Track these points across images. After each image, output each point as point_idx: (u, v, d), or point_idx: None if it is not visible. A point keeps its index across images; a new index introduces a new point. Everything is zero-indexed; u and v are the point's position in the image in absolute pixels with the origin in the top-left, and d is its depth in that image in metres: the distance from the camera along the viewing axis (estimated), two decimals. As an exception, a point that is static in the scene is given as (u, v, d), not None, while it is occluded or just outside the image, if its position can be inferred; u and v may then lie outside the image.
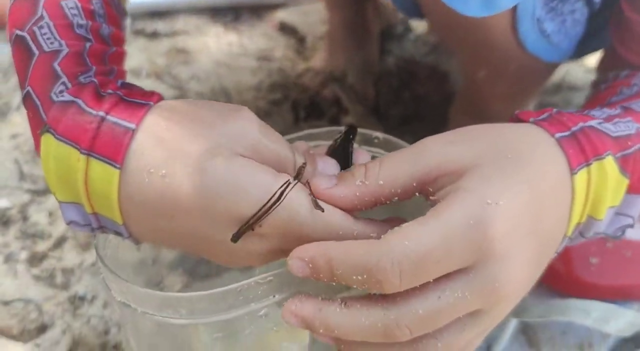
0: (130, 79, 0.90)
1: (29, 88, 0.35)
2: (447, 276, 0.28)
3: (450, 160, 0.30)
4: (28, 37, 0.36)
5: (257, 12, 1.06)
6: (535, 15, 0.49)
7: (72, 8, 0.38)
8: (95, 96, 0.32)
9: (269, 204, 0.29)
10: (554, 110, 0.36)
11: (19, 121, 0.81)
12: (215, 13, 1.05)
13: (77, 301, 0.60)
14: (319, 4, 0.98)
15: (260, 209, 0.29)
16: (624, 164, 0.35)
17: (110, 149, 0.30)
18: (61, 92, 0.33)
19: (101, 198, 0.31)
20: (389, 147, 0.41)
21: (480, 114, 0.66)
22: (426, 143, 0.32)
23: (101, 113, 0.31)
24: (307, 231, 0.30)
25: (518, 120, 0.36)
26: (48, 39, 0.36)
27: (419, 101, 0.85)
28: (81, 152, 0.30)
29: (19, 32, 0.36)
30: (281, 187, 0.29)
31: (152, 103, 0.32)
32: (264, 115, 0.83)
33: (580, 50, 0.58)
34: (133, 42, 0.95)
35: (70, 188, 0.32)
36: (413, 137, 0.34)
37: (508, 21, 0.50)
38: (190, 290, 0.54)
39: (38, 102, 0.34)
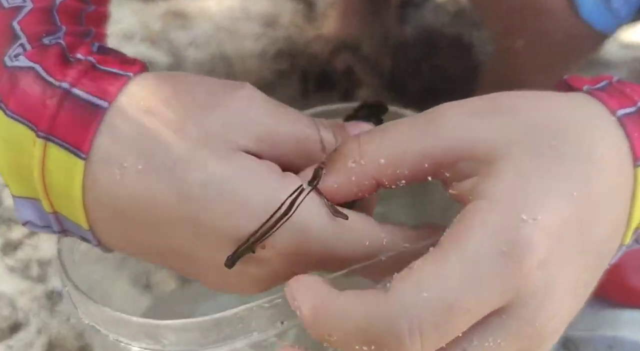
0: (121, 44, 0.87)
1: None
2: (475, 325, 0.22)
3: (476, 139, 0.23)
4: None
5: None
6: None
7: None
8: (61, 62, 0.26)
9: (275, 218, 0.22)
10: (614, 78, 0.28)
11: None
12: None
13: (54, 297, 0.56)
14: None
15: (262, 225, 0.22)
16: None
17: (74, 133, 0.24)
18: (17, 56, 0.26)
19: (62, 196, 0.25)
20: None
21: (510, 88, 0.63)
22: (444, 110, 0.25)
23: (65, 84, 0.24)
24: (326, 248, 0.24)
25: (567, 87, 0.28)
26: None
27: (440, 73, 0.84)
28: (38, 135, 0.24)
29: None
30: (291, 194, 0.23)
31: (131, 74, 0.25)
32: (269, 87, 0.80)
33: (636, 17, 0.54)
34: (125, 3, 0.91)
35: (24, 179, 0.26)
36: None
37: None
38: (184, 291, 0.49)
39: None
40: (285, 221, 0.22)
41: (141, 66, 0.26)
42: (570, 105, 0.26)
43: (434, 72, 0.84)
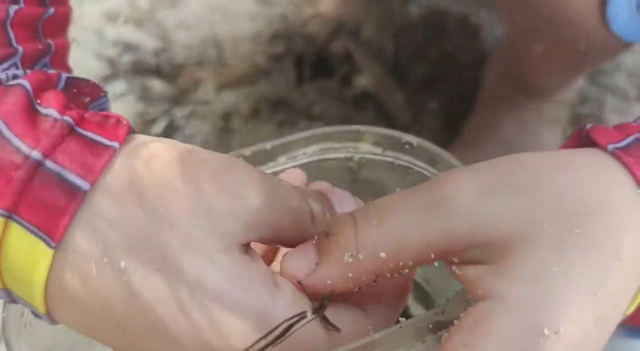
0: (106, 25, 0.82)
1: None
2: None
3: (489, 226, 0.21)
4: None
5: None
6: None
7: None
8: (28, 115, 0.21)
9: (267, 341, 0.21)
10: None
11: None
12: None
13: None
14: None
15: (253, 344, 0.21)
16: None
17: (44, 216, 0.21)
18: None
19: (19, 279, 0.22)
20: (427, 159, 0.31)
21: (521, 84, 0.63)
22: (451, 191, 0.22)
23: (36, 154, 0.20)
24: None
25: (587, 139, 0.24)
26: None
27: (447, 59, 0.80)
28: None
29: None
30: (291, 319, 0.21)
31: (117, 144, 0.22)
32: (262, 74, 0.77)
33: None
34: (111, -21, 0.87)
35: None
36: (439, 102, 0.27)
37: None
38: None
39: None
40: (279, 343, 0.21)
41: (127, 128, 0.22)
42: (595, 179, 0.22)
43: (441, 58, 0.80)
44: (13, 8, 0.25)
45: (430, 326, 0.23)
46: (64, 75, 0.26)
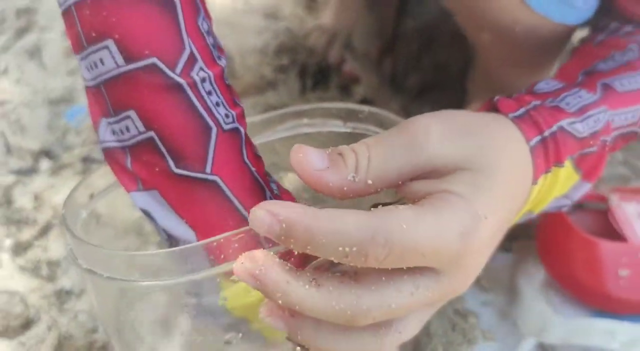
0: None
1: (216, 178, 0.34)
2: (416, 271, 0.29)
3: (446, 157, 0.31)
4: (189, 90, 0.34)
5: None
6: None
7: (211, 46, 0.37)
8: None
9: None
10: (532, 102, 0.38)
11: (6, 87, 0.79)
12: None
13: (63, 296, 0.58)
14: None
15: None
16: (580, 162, 0.40)
17: None
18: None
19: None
20: (379, 122, 0.42)
21: (497, 85, 0.64)
22: (421, 133, 0.31)
23: None
24: None
25: (498, 106, 0.37)
26: (217, 105, 0.35)
27: (440, 69, 0.82)
28: None
29: (170, 73, 0.33)
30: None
31: None
32: (269, 85, 0.80)
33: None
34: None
35: None
36: (432, 108, 0.33)
37: None
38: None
39: (236, 201, 0.34)
40: None
41: None
42: (505, 136, 0.35)
43: (435, 67, 0.83)
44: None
45: None
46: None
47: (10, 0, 0.92)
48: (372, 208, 0.28)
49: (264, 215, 0.26)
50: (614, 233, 0.51)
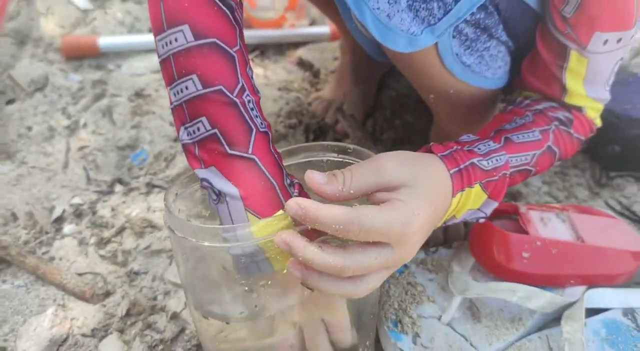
0: None
1: (254, 156, 0.49)
2: (378, 245, 0.45)
3: (396, 178, 0.47)
4: (240, 106, 0.50)
5: (280, 49, 1.23)
6: (454, 51, 0.62)
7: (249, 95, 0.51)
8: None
9: None
10: (454, 147, 0.55)
11: (86, 136, 0.99)
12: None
13: (132, 275, 0.77)
14: (335, 42, 1.14)
15: None
16: (487, 185, 0.56)
17: None
18: (291, 185, 0.51)
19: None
20: (359, 155, 0.58)
21: (449, 137, 0.74)
22: (383, 163, 0.47)
23: None
24: None
25: (432, 149, 0.55)
26: (256, 117, 0.51)
27: (409, 127, 0.99)
28: None
29: (230, 95, 0.49)
30: None
31: None
32: (282, 138, 0.98)
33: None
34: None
35: None
36: None
37: (435, 56, 0.62)
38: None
39: (273, 181, 0.49)
40: None
41: None
42: (435, 166, 0.52)
43: (404, 126, 0.99)
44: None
45: None
46: None
47: (88, 73, 1.12)
48: (353, 205, 0.43)
49: (294, 204, 0.43)
50: (521, 231, 0.70)
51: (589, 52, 0.61)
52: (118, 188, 0.89)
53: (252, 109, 0.51)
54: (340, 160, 0.61)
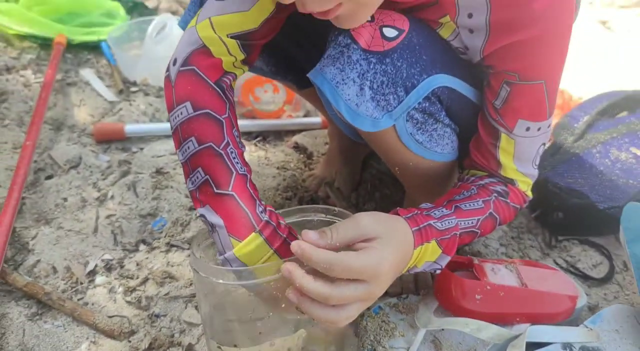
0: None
1: (233, 193, 0.63)
2: (356, 281, 0.57)
3: (372, 231, 0.60)
4: (225, 156, 0.65)
5: (280, 135, 1.41)
6: (409, 131, 0.74)
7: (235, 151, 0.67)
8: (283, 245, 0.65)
9: None
10: (416, 211, 0.69)
11: (113, 207, 1.15)
12: (249, 136, 1.40)
13: (153, 317, 0.91)
14: (325, 130, 1.32)
15: None
16: (441, 242, 0.69)
17: None
18: (263, 211, 0.65)
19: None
20: (342, 216, 0.73)
21: (415, 204, 0.83)
22: (360, 220, 0.60)
23: None
24: None
25: (398, 212, 0.69)
26: (237, 163, 0.65)
27: (386, 199, 1.15)
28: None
29: (218, 149, 0.65)
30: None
31: None
32: (279, 206, 1.14)
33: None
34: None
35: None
36: None
37: (394, 135, 0.74)
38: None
39: (247, 210, 0.63)
40: None
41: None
42: (401, 224, 0.65)
43: (382, 198, 1.14)
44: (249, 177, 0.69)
45: None
46: None
47: (115, 154, 1.30)
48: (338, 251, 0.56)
49: (297, 246, 0.55)
50: (476, 279, 0.85)
51: (515, 135, 0.77)
52: (142, 247, 1.04)
53: (234, 158, 0.66)
54: (328, 219, 0.75)
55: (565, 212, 1.11)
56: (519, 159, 0.80)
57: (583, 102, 1.38)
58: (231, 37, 0.71)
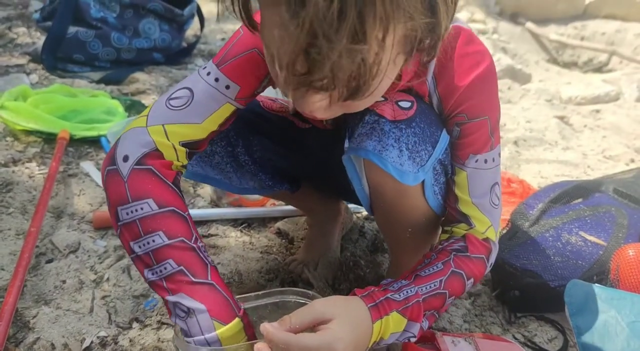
0: None
1: (213, 282, 0.74)
2: None
3: (328, 314, 0.71)
4: (197, 249, 0.76)
5: (263, 222, 1.52)
6: (431, 182, 0.86)
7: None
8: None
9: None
10: (373, 289, 0.80)
11: (108, 288, 1.24)
12: (235, 223, 1.49)
13: None
14: (305, 217, 1.44)
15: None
16: (404, 311, 0.78)
17: None
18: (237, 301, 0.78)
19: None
20: (315, 299, 0.83)
21: (400, 271, 0.96)
22: (313, 305, 0.72)
23: None
24: None
25: (355, 293, 0.80)
26: (207, 257, 0.77)
27: (360, 280, 1.25)
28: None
29: (189, 243, 0.75)
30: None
31: None
32: (262, 287, 1.24)
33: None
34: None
35: None
36: None
37: (420, 189, 0.88)
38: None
39: (228, 298, 0.74)
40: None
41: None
42: (357, 303, 0.77)
43: (356, 279, 1.24)
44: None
45: None
46: None
47: (112, 240, 1.39)
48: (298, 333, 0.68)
49: (262, 327, 0.69)
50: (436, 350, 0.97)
51: (466, 167, 0.88)
52: (135, 325, 1.13)
53: (204, 252, 0.77)
54: (304, 301, 0.84)
55: (521, 290, 1.22)
56: (473, 192, 0.91)
57: (537, 191, 1.53)
58: (182, 145, 0.83)
